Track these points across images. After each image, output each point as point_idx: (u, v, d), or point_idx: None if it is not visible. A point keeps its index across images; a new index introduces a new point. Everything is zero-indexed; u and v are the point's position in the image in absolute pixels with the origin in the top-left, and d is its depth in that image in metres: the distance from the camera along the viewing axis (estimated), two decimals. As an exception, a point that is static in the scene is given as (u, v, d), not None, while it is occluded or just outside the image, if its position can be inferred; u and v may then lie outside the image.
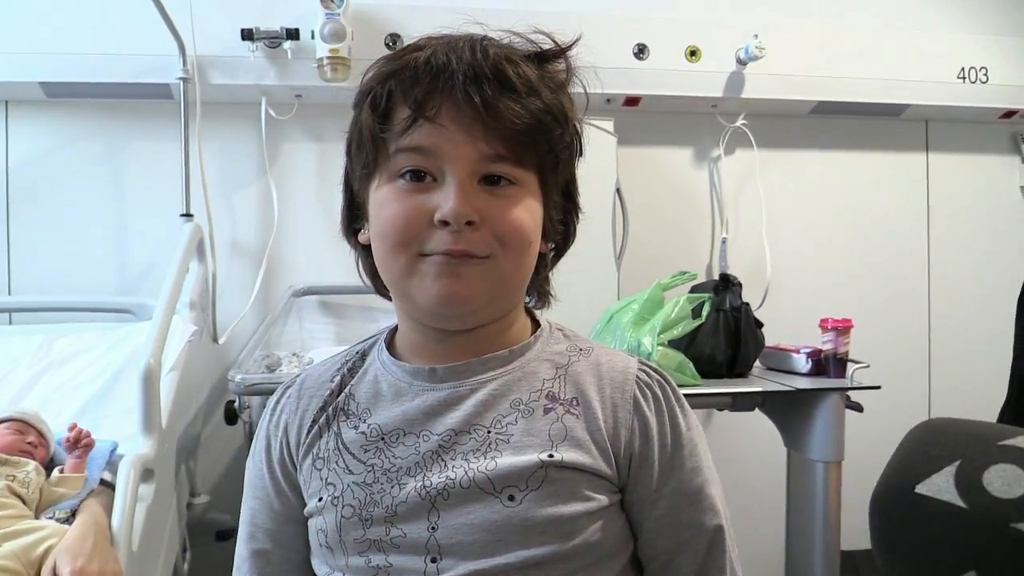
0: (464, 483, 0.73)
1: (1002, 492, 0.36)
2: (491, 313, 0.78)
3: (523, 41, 0.77)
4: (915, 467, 0.38)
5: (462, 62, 0.70)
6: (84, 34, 2.19)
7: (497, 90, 0.70)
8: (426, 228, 0.72)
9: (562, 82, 0.77)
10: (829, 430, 1.93)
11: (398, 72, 0.73)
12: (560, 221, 0.82)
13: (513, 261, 0.74)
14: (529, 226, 0.74)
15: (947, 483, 0.37)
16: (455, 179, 0.71)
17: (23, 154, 2.33)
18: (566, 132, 0.76)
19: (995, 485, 0.37)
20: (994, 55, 2.62)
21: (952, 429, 0.41)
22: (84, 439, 1.50)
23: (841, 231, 2.73)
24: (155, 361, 1.56)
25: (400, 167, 0.73)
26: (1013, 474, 0.37)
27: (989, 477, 0.37)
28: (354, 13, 2.22)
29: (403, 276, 0.74)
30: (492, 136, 0.71)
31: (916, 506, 0.36)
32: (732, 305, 2.14)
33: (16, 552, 1.27)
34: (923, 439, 0.38)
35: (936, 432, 0.40)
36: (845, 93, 2.56)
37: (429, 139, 0.71)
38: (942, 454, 0.39)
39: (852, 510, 1.98)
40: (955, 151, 2.81)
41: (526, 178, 0.74)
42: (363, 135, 0.75)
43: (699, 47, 2.45)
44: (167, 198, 2.26)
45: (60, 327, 2.07)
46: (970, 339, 2.77)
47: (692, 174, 2.67)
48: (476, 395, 0.77)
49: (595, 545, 0.73)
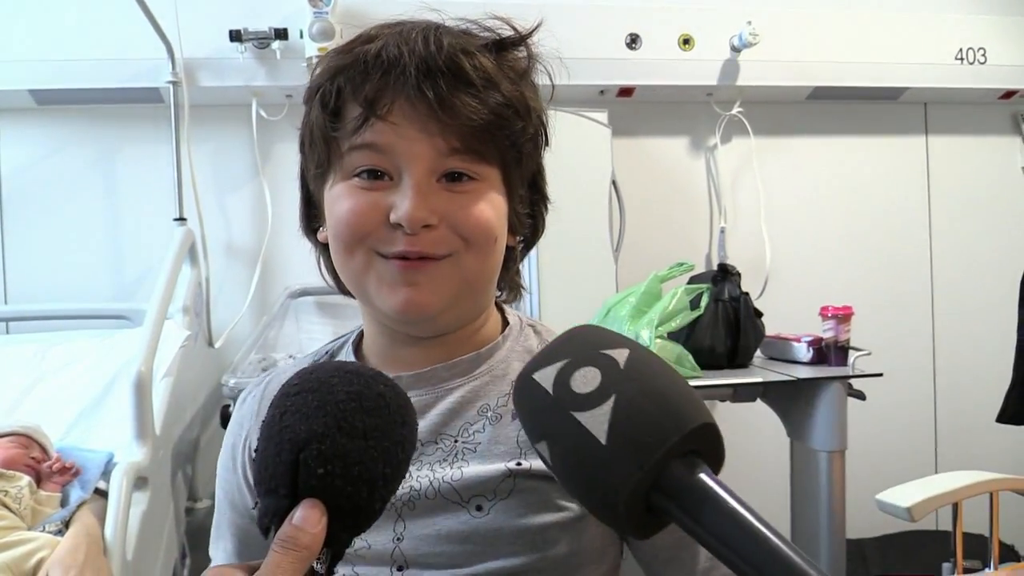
0: (429, 493, 0.70)
1: (578, 387, 0.46)
2: (458, 316, 0.75)
3: (480, 28, 0.72)
4: (542, 359, 0.48)
5: (414, 55, 0.66)
6: (73, 41, 2.18)
7: (452, 84, 0.66)
8: (381, 227, 0.68)
9: (523, 71, 0.73)
10: (832, 419, 1.92)
11: (348, 67, 0.68)
12: (527, 214, 0.78)
13: (478, 259, 0.71)
14: (493, 222, 0.71)
15: (551, 374, 0.47)
16: (412, 179, 0.67)
17: (15, 162, 2.32)
18: (529, 124, 0.72)
19: (576, 382, 0.46)
20: (992, 35, 2.59)
21: (584, 334, 0.50)
22: (69, 472, 1.50)
23: (841, 217, 2.71)
24: (146, 368, 1.55)
25: (354, 166, 0.69)
26: (592, 375, 0.46)
27: (576, 375, 0.47)
28: (342, 11, 2.21)
29: (360, 276, 0.71)
30: (449, 132, 0.67)
31: (528, 388, 0.48)
32: (731, 295, 2.13)
33: (8, 564, 1.26)
34: (562, 339, 0.49)
35: (573, 335, 0.50)
36: (842, 77, 2.53)
37: (382, 137, 0.67)
38: (564, 351, 0.49)
39: (857, 499, 1.96)
40: (955, 133, 2.78)
41: (488, 173, 0.71)
42: (314, 133, 0.71)
43: (692, 35, 2.43)
44: (160, 202, 2.25)
45: (54, 336, 2.06)
46: (974, 322, 2.74)
47: (688, 164, 2.64)
48: (442, 403, 0.74)
49: (569, 556, 0.71)
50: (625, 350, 0.49)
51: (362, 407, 0.47)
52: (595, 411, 0.45)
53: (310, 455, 0.45)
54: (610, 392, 0.46)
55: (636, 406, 0.46)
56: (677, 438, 0.45)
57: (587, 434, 0.45)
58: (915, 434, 2.72)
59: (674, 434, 0.45)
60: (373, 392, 0.48)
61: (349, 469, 0.45)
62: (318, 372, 0.49)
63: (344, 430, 0.46)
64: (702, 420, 0.46)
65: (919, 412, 2.74)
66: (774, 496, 2.27)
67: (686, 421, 0.45)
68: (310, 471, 0.45)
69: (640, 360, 0.49)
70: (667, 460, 0.44)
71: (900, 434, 2.68)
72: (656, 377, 0.48)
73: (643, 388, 0.47)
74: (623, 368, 0.48)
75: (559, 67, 0.78)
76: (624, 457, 0.45)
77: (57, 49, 2.17)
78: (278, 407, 0.48)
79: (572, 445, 0.46)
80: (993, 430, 2.20)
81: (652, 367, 0.49)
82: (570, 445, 0.46)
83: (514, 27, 0.73)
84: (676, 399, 0.47)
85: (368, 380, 0.49)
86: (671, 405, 0.46)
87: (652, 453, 0.44)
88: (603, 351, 0.48)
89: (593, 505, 0.48)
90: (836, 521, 1.96)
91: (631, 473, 0.44)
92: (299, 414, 0.46)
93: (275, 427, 0.47)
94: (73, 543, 1.30)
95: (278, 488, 0.45)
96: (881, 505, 1.55)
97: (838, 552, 1.98)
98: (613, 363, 0.48)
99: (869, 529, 2.47)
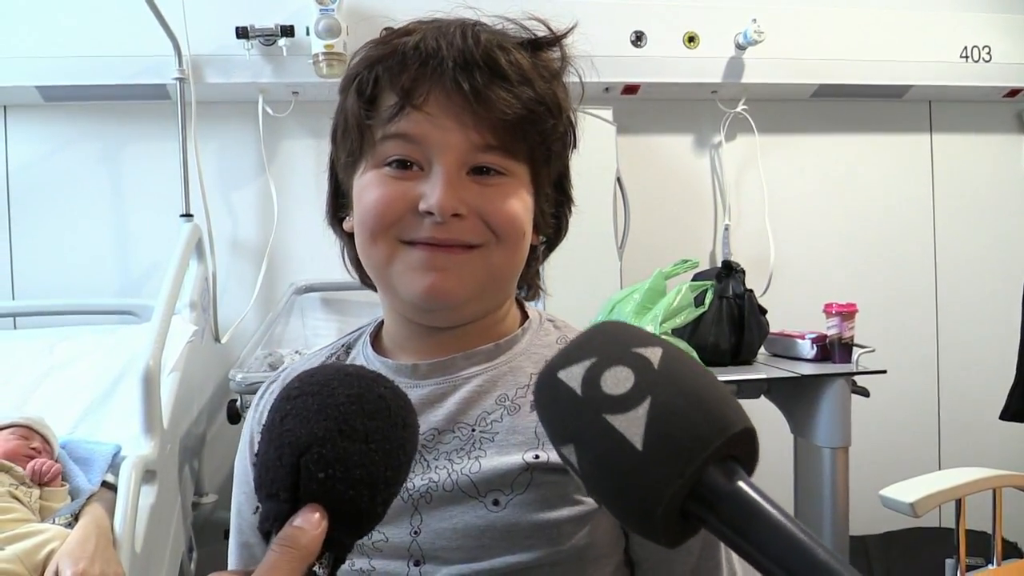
0: (447, 486, 0.70)
1: (609, 388, 0.44)
2: (479, 309, 0.75)
3: (517, 28, 0.74)
4: (567, 356, 0.47)
5: (452, 48, 0.67)
6: (80, 38, 2.19)
7: (488, 78, 0.67)
8: (409, 215, 0.69)
9: (556, 71, 0.74)
10: (835, 416, 1.92)
11: (386, 57, 0.70)
12: (552, 214, 0.78)
13: (506, 253, 0.71)
14: (522, 217, 0.71)
15: (579, 373, 0.45)
16: (443, 169, 0.68)
17: (22, 158, 2.34)
18: (559, 123, 0.73)
19: (608, 382, 0.44)
20: (997, 33, 2.59)
21: (611, 330, 0.48)
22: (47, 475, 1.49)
23: (845, 215, 2.71)
24: (155, 363, 1.56)
25: (386, 155, 0.70)
26: (624, 375, 0.44)
27: (607, 375, 0.44)
28: (348, 8, 2.21)
29: (384, 265, 0.71)
30: (482, 125, 0.68)
31: (552, 387, 0.45)
32: (735, 292, 2.13)
33: (19, 555, 1.27)
34: (587, 335, 0.47)
35: (598, 331, 0.48)
36: (846, 75, 2.53)
37: (417, 127, 0.68)
38: (591, 348, 0.46)
39: (860, 495, 1.97)
40: (959, 131, 2.78)
41: (517, 169, 0.71)
42: (348, 121, 0.72)
43: (697, 33, 2.43)
44: (167, 198, 2.26)
45: (61, 331, 2.07)
46: (977, 320, 2.74)
47: (693, 161, 2.65)
48: (459, 391, 0.74)
49: (584, 549, 0.70)
50: (659, 348, 0.47)
51: (363, 410, 0.47)
52: (630, 414, 0.43)
53: (311, 459, 0.45)
54: (646, 394, 0.44)
55: (674, 409, 0.44)
56: (719, 443, 0.43)
57: (621, 439, 0.43)
58: (919, 431, 2.73)
59: (716, 439, 0.43)
60: (374, 395, 0.48)
61: (350, 472, 0.45)
62: (318, 375, 0.49)
63: (345, 433, 0.46)
64: (743, 424, 0.44)
65: (923, 409, 2.74)
66: (778, 492, 2.25)
67: (727, 425, 0.43)
68: (311, 475, 0.45)
69: (675, 359, 0.46)
70: (706, 466, 0.42)
71: (904, 431, 2.69)
72: (694, 378, 0.46)
73: (681, 390, 0.45)
74: (657, 368, 0.45)
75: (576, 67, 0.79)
76: (662, 463, 0.43)
77: (64, 46, 2.19)
78: (278, 411, 0.48)
79: (605, 449, 0.44)
80: (996, 427, 2.21)
81: (689, 367, 0.47)
82: (602, 450, 0.44)
83: (549, 27, 0.74)
84: (715, 402, 0.45)
85: (369, 383, 0.49)
86: (711, 408, 0.44)
87: (693, 460, 0.42)
88: (634, 349, 0.46)
89: (626, 512, 0.45)
90: (839, 517, 1.97)
91: (671, 480, 0.42)
92: (300, 418, 0.46)
93: (275, 431, 0.47)
94: (83, 535, 1.31)
95: (279, 492, 0.45)
96: (885, 501, 1.55)
97: (841, 548, 1.98)
98: (647, 363, 0.46)
99: (872, 525, 2.48)
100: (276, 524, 0.45)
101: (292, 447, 0.45)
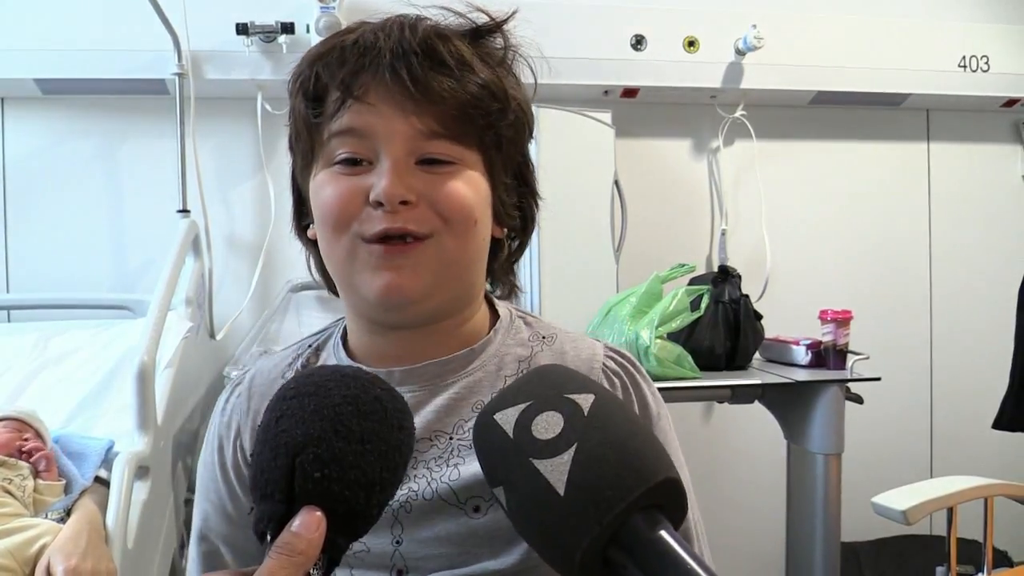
0: (427, 495, 0.70)
1: (539, 433, 0.44)
2: (440, 303, 0.73)
3: (460, 20, 0.74)
4: (504, 398, 0.48)
5: (390, 40, 0.68)
6: (79, 30, 2.19)
7: (427, 65, 0.67)
8: (362, 208, 0.68)
9: (500, 59, 0.74)
10: (829, 422, 1.93)
11: (326, 54, 0.71)
12: (515, 205, 0.77)
13: (457, 240, 0.70)
14: (471, 200, 0.70)
15: (513, 416, 0.46)
16: (389, 158, 0.68)
17: (19, 151, 2.33)
18: (507, 109, 0.72)
19: (539, 427, 0.45)
20: (995, 43, 2.60)
21: (548, 374, 0.49)
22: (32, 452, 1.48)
23: (842, 222, 2.72)
24: (149, 358, 1.56)
25: (335, 152, 0.70)
26: (554, 420, 0.45)
27: (539, 419, 0.45)
28: (349, 6, 2.21)
29: (345, 262, 0.70)
30: (425, 113, 0.68)
31: (489, 428, 0.47)
32: (731, 297, 2.14)
33: (11, 550, 1.27)
34: (526, 378, 0.49)
35: (536, 374, 0.49)
36: (845, 83, 2.54)
37: (360, 118, 0.68)
38: (528, 392, 0.47)
39: (852, 502, 1.98)
40: (956, 140, 2.79)
41: (467, 156, 0.71)
42: (299, 124, 0.73)
43: (697, 38, 2.44)
44: (164, 194, 2.26)
45: (56, 325, 2.06)
46: (972, 329, 2.76)
47: (691, 166, 2.65)
48: (436, 400, 0.74)
49: None
50: (591, 395, 0.47)
51: (359, 411, 0.47)
52: (555, 460, 0.44)
53: (306, 459, 0.45)
54: (572, 440, 0.45)
55: (597, 456, 0.44)
56: (639, 493, 0.43)
57: (546, 484, 0.44)
58: (911, 438, 2.74)
59: (636, 488, 0.43)
60: (370, 396, 0.48)
61: (346, 473, 0.45)
62: (315, 376, 0.49)
63: (341, 434, 0.46)
64: (665, 474, 0.44)
65: (916, 417, 2.75)
66: (770, 498, 2.28)
67: (649, 475, 0.44)
68: (306, 475, 0.45)
69: (605, 407, 0.47)
70: (628, 514, 0.43)
71: (897, 438, 2.69)
72: (620, 425, 0.46)
73: (607, 437, 0.45)
74: (587, 415, 0.46)
75: (559, 66, 0.78)
76: (582, 510, 0.43)
77: (63, 39, 2.18)
78: (274, 411, 0.48)
79: (529, 493, 0.45)
80: (989, 436, 2.22)
81: (616, 415, 0.47)
82: (527, 493, 0.45)
83: (490, 15, 0.74)
84: (639, 451, 0.45)
85: (365, 384, 0.49)
86: (634, 457, 0.45)
87: (611, 508, 0.43)
88: (567, 395, 0.47)
89: (550, 555, 0.46)
90: (831, 524, 1.97)
91: (590, 527, 0.43)
92: (295, 418, 0.46)
93: (271, 431, 0.47)
94: (75, 530, 1.31)
95: (274, 493, 0.45)
96: (877, 508, 1.56)
97: (833, 555, 1.99)
98: (577, 409, 0.46)
99: (864, 532, 2.48)
100: (272, 525, 0.45)
101: (287, 447, 0.45)
